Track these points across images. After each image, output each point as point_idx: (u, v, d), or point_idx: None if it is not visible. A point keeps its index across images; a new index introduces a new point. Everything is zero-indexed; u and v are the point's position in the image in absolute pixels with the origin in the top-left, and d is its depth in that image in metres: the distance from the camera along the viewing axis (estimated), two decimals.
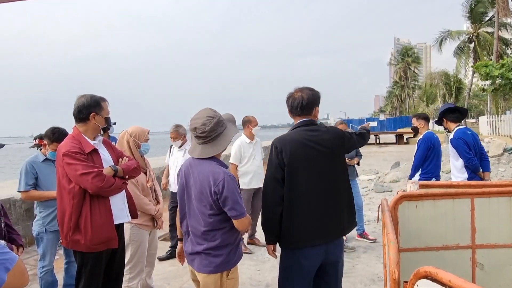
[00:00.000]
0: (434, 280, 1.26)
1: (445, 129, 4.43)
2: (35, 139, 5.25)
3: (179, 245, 2.52)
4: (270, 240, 2.52)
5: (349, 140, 2.63)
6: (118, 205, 2.72)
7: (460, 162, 4.19)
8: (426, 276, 1.30)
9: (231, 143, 2.47)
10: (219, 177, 2.15)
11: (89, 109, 2.62)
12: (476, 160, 4.11)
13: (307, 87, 2.58)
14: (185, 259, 2.44)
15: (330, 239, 2.45)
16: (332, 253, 2.49)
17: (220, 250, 2.22)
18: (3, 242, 2.50)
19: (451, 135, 4.27)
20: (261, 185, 5.16)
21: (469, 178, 4.11)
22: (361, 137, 2.78)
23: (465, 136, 4.13)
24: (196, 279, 2.35)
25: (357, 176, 5.41)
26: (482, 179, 4.15)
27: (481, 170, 4.19)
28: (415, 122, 4.90)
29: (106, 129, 2.82)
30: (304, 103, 2.49)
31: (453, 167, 4.34)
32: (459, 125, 4.29)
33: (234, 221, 2.21)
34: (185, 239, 2.39)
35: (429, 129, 4.80)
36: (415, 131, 4.94)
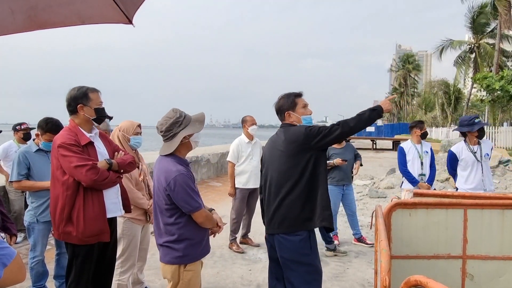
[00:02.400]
0: None
1: (482, 137, 4.46)
2: (13, 128, 5.32)
3: None
4: None
5: (315, 135, 2.52)
6: (112, 198, 2.71)
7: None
8: (416, 285, 1.31)
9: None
10: (170, 175, 2.30)
11: (76, 101, 2.62)
12: None
13: (283, 94, 2.81)
14: None
15: (269, 232, 2.70)
16: (276, 247, 2.64)
17: (177, 244, 2.37)
18: (2, 234, 2.50)
19: (489, 141, 4.50)
20: (257, 185, 5.17)
21: None
22: (344, 126, 2.52)
23: None
24: None
25: (351, 181, 5.41)
26: None
27: None
28: None
29: (98, 120, 2.74)
30: (276, 109, 2.82)
31: (489, 177, 4.48)
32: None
33: (192, 216, 2.37)
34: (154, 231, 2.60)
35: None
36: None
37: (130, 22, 2.35)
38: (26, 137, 5.23)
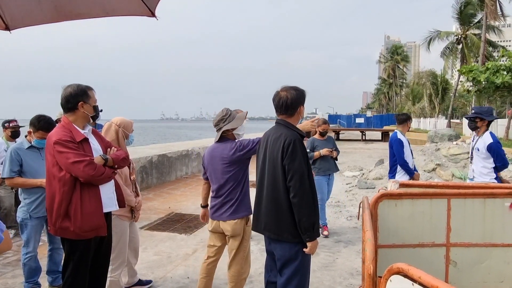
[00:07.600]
0: (406, 276, 1.34)
1: (475, 128, 4.40)
2: (2, 124, 5.28)
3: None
4: None
5: (288, 162, 2.44)
6: (108, 193, 2.74)
7: (491, 164, 4.30)
8: (399, 272, 1.38)
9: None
10: (228, 147, 3.09)
11: (77, 98, 2.63)
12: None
13: (293, 87, 2.63)
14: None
15: (260, 231, 2.70)
16: (271, 244, 2.69)
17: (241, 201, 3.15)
18: None
19: (488, 138, 4.29)
20: None
21: (496, 178, 4.31)
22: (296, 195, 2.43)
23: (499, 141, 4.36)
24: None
25: (337, 170, 5.54)
26: (500, 179, 4.36)
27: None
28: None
29: (94, 117, 2.84)
30: (288, 102, 2.58)
31: (483, 168, 4.36)
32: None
33: None
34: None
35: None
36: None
37: (153, 14, 2.36)
38: (14, 135, 5.20)
